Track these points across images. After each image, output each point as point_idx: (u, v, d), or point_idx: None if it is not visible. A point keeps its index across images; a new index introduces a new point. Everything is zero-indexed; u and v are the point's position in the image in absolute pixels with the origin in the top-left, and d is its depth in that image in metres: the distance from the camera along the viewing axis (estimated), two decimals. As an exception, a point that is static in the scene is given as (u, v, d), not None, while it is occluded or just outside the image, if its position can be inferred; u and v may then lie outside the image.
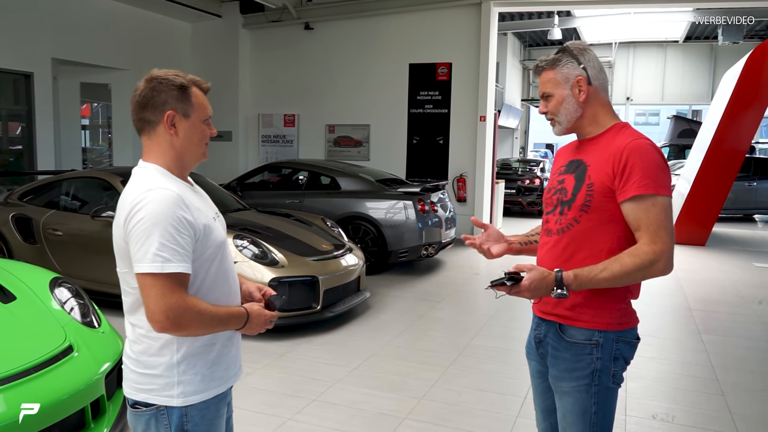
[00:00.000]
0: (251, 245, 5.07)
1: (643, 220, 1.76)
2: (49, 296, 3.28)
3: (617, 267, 1.75)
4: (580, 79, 1.90)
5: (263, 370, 4.29)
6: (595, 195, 1.84)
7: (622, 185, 1.79)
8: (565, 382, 1.92)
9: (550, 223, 1.98)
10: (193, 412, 1.61)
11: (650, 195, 1.76)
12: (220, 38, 11.87)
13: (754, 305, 6.36)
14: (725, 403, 3.86)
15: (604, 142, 1.90)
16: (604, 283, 1.77)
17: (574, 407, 1.90)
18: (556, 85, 1.92)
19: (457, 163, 10.42)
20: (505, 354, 4.71)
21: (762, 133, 27.04)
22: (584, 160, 1.92)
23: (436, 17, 10.40)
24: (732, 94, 9.68)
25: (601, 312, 1.87)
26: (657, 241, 1.75)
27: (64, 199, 6.20)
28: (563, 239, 1.91)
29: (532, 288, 1.75)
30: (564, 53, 1.94)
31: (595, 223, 1.85)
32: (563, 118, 1.93)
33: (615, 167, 1.80)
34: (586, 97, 1.91)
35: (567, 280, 1.76)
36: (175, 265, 1.49)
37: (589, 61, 1.93)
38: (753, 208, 13.79)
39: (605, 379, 1.89)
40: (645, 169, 1.77)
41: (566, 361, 1.91)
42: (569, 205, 1.90)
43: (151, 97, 1.61)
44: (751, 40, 18.73)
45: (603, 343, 1.87)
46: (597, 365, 1.87)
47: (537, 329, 2.04)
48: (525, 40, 23.57)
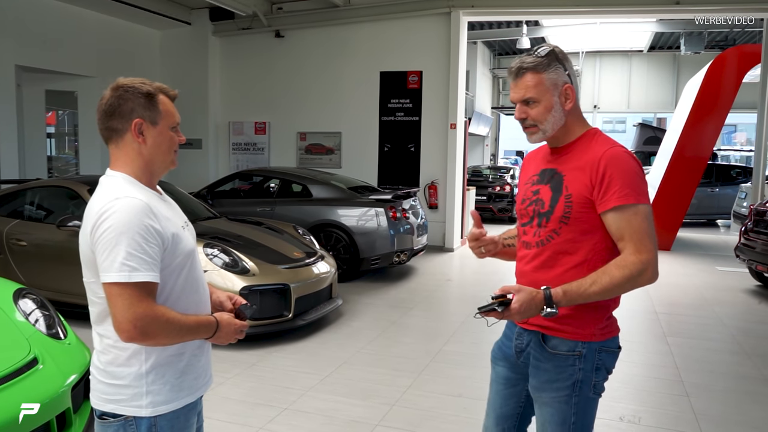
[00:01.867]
0: (222, 254, 5.03)
1: (627, 230, 1.73)
2: (13, 308, 3.20)
3: (607, 279, 1.71)
4: (567, 86, 1.82)
5: (234, 379, 4.26)
6: (574, 206, 1.79)
7: (601, 196, 1.75)
8: (545, 392, 1.88)
9: (528, 235, 1.92)
10: (162, 422, 1.60)
11: (631, 204, 1.73)
12: (189, 46, 11.77)
13: (717, 308, 6.53)
14: (689, 403, 3.96)
15: (578, 151, 1.85)
16: (594, 296, 1.73)
17: (554, 417, 1.87)
18: (544, 91, 1.80)
19: (428, 170, 10.49)
20: (477, 359, 4.75)
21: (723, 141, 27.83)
22: (558, 169, 1.86)
23: (406, 26, 10.48)
24: (694, 103, 9.98)
25: (585, 323, 1.83)
26: (642, 250, 1.72)
27: (29, 208, 6.06)
28: (544, 252, 1.86)
29: (522, 310, 1.70)
30: (551, 57, 1.82)
31: (576, 235, 1.81)
32: (548, 126, 1.83)
33: (593, 178, 1.76)
34: (572, 106, 1.84)
35: (556, 297, 1.71)
36: (142, 274, 1.48)
37: (572, 68, 1.87)
38: (715, 213, 14.17)
39: (586, 389, 1.86)
40: (624, 179, 1.73)
41: (548, 372, 1.87)
42: (548, 217, 1.84)
43: (117, 105, 1.60)
44: (711, 50, 19.29)
45: (586, 353, 1.84)
46: (579, 376, 1.84)
47: (518, 339, 1.97)
48: (494, 48, 23.88)
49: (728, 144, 29.17)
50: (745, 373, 4.62)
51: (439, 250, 10.03)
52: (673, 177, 10.18)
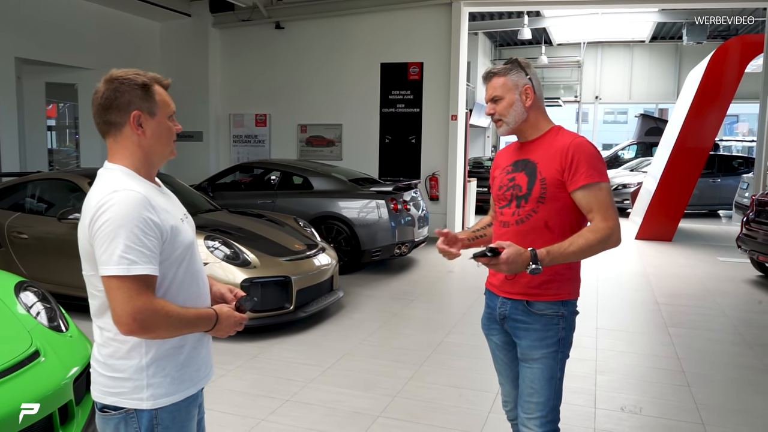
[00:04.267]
0: (223, 246, 5.04)
1: (594, 203, 2.06)
2: (15, 300, 3.20)
3: (582, 241, 2.01)
4: (527, 87, 2.17)
5: (236, 371, 4.27)
6: (549, 188, 2.11)
7: (571, 176, 2.08)
8: (536, 350, 2.17)
9: (506, 215, 2.22)
10: (163, 414, 1.60)
11: (596, 182, 2.06)
12: (189, 37, 11.72)
13: (718, 298, 6.53)
14: (690, 393, 3.96)
15: (546, 143, 2.18)
16: (572, 256, 2.03)
17: (543, 373, 2.16)
18: (507, 90, 2.17)
19: (429, 162, 10.47)
20: (478, 351, 4.75)
21: (725, 131, 27.74)
22: (531, 159, 2.19)
23: (407, 17, 10.43)
24: (696, 93, 9.93)
25: (562, 285, 2.17)
26: (608, 218, 2.04)
27: (30, 201, 6.06)
28: (523, 228, 2.16)
29: (509, 261, 1.91)
30: (513, 64, 2.19)
31: (550, 212, 2.12)
32: (511, 119, 2.19)
33: (563, 162, 2.09)
34: (531, 103, 2.18)
35: (541, 256, 1.95)
36: (141, 267, 1.48)
37: (533, 74, 2.21)
38: (717, 204, 14.13)
39: (566, 348, 2.20)
40: (589, 162, 2.07)
41: (537, 332, 2.17)
42: (526, 198, 2.15)
43: (114, 98, 1.59)
44: (714, 40, 19.18)
45: (567, 315, 2.17)
46: (562, 334, 2.17)
47: (501, 307, 2.25)
48: (496, 39, 23.78)
49: (730, 134, 29.08)
50: (746, 363, 4.62)
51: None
52: (674, 168, 10.15)
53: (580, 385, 4.01)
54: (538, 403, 2.17)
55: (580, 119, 26.18)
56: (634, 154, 19.05)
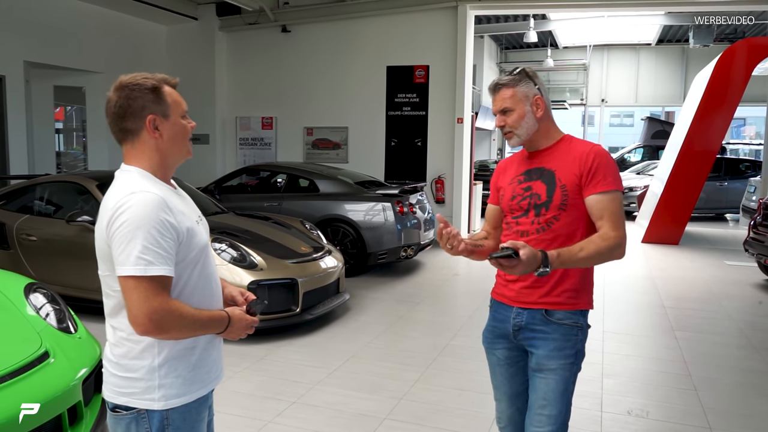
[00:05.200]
0: (230, 248, 5.06)
1: (607, 210, 2.05)
2: (24, 302, 3.23)
3: (593, 247, 1.99)
4: (537, 98, 2.14)
5: (243, 373, 4.29)
6: (570, 194, 2.09)
7: (588, 181, 2.07)
8: (553, 360, 2.11)
9: (524, 225, 2.17)
10: (174, 415, 1.61)
11: (612, 191, 2.06)
12: (196, 41, 11.78)
13: (725, 302, 6.51)
14: (697, 397, 3.96)
15: (561, 151, 2.16)
16: (581, 262, 2.00)
17: (558, 385, 2.10)
18: (517, 102, 2.13)
19: (435, 164, 10.48)
20: (484, 354, 4.74)
21: (732, 134, 27.63)
22: (546, 167, 2.16)
23: (413, 20, 10.45)
24: (702, 96, 9.90)
25: (580, 295, 2.14)
26: (618, 228, 2.03)
27: (38, 203, 6.10)
28: (546, 237, 2.12)
29: (526, 263, 1.87)
30: (522, 75, 2.15)
31: (572, 219, 2.10)
32: (523, 131, 2.15)
33: (582, 167, 2.08)
34: (542, 114, 2.15)
35: (551, 258, 1.93)
36: (158, 268, 1.50)
37: (541, 83, 2.19)
38: (724, 207, 14.08)
39: (580, 361, 2.16)
40: (607, 170, 2.07)
41: (556, 341, 2.12)
42: (547, 206, 2.11)
43: (128, 105, 1.60)
44: (720, 43, 19.13)
45: (584, 326, 2.15)
46: (579, 347, 2.14)
47: (517, 318, 2.19)
48: (501, 42, 23.79)
49: (737, 137, 28.94)
50: (752, 367, 4.60)
51: (445, 245, 10.01)
52: (681, 171, 10.12)
53: (587, 389, 4.00)
54: (550, 416, 2.10)
55: (586, 122, 26.14)
56: (641, 158, 19.01)
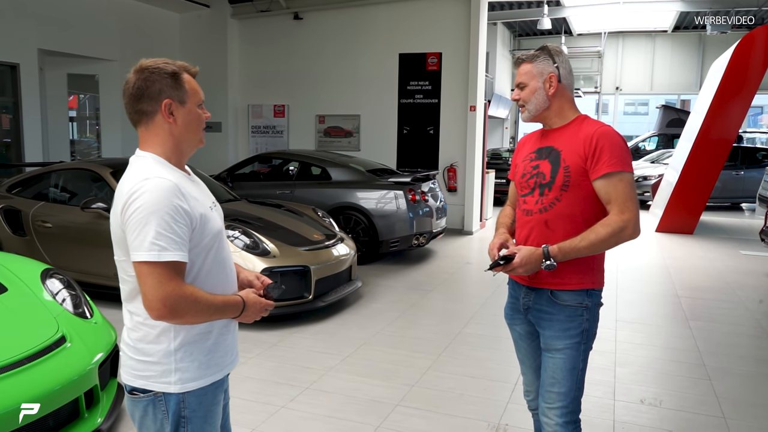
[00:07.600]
0: (242, 235, 5.08)
1: (613, 193, 2.04)
2: (41, 287, 3.27)
3: (593, 236, 2.03)
4: (552, 75, 2.16)
5: (256, 359, 4.32)
6: (572, 175, 2.10)
7: (593, 165, 2.06)
8: (559, 340, 2.16)
9: (529, 204, 2.21)
10: (191, 398, 1.63)
11: (618, 172, 2.04)
12: (208, 28, 11.78)
13: (739, 291, 6.45)
14: (711, 387, 3.93)
15: (571, 131, 2.16)
16: (584, 251, 2.04)
17: (565, 364, 2.15)
18: (531, 77, 2.18)
19: (447, 153, 10.43)
20: (496, 341, 4.76)
21: (749, 123, 27.25)
22: (555, 146, 2.17)
23: (426, 7, 10.37)
24: (719, 84, 9.75)
25: (585, 274, 2.16)
26: (625, 210, 2.02)
27: (53, 191, 6.16)
28: (546, 216, 2.15)
29: (523, 263, 2.02)
30: (542, 51, 2.20)
31: (574, 200, 2.11)
32: (532, 106, 2.19)
33: (587, 150, 2.08)
34: (554, 92, 2.17)
35: (553, 252, 2.03)
36: (171, 253, 1.51)
37: (562, 62, 2.20)
38: (740, 196, 13.91)
39: (590, 340, 2.19)
40: (612, 150, 2.05)
41: (561, 322, 2.16)
42: (549, 186, 2.14)
43: (145, 88, 1.61)
44: (738, 29, 18.81)
45: (591, 306, 2.16)
46: (586, 326, 2.16)
47: (525, 297, 2.25)
48: (515, 29, 23.56)
49: (754, 126, 28.54)
50: (766, 357, 4.57)
51: (458, 233, 10.01)
52: (696, 160, 10.00)
53: (600, 377, 4.00)
54: (560, 393, 2.17)
55: (600, 110, 25.88)
56: (655, 146, 18.82)
